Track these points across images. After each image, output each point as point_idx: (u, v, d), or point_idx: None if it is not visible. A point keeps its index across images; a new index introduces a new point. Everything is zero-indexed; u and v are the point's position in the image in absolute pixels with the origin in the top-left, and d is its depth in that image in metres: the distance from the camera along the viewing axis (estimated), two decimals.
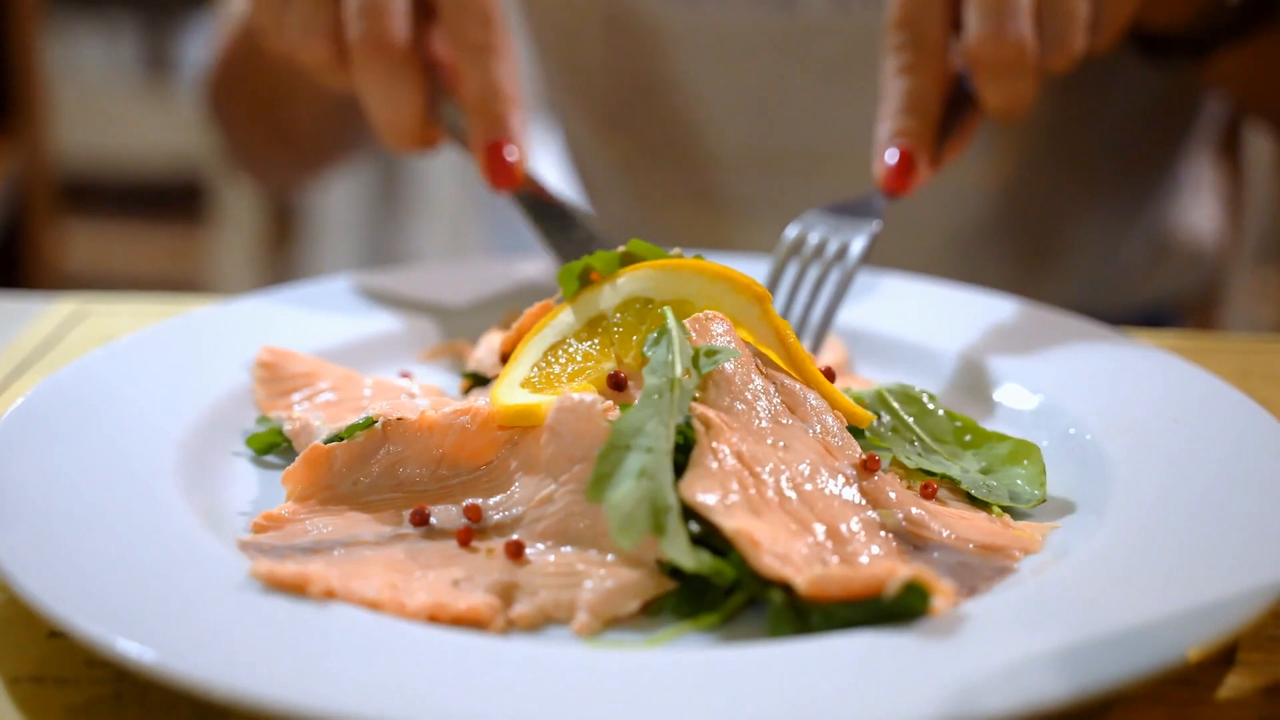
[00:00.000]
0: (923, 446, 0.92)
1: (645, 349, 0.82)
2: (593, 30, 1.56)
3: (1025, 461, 0.91)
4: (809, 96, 1.50)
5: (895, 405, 0.95)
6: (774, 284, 1.08)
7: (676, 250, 0.93)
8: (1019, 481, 0.90)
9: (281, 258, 3.74)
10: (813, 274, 1.07)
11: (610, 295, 0.89)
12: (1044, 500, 0.88)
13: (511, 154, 1.10)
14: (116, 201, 3.93)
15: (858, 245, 1.06)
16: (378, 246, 3.60)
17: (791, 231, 1.09)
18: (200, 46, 3.92)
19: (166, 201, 3.90)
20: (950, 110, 1.11)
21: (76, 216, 3.58)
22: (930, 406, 0.95)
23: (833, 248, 1.07)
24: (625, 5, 1.51)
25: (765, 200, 1.54)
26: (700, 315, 0.85)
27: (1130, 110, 1.55)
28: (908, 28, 1.09)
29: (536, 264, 1.21)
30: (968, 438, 0.94)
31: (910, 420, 0.94)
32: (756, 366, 0.84)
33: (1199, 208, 1.67)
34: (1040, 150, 1.52)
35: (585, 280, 0.92)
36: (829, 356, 1.06)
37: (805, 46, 1.48)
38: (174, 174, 3.75)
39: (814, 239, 1.08)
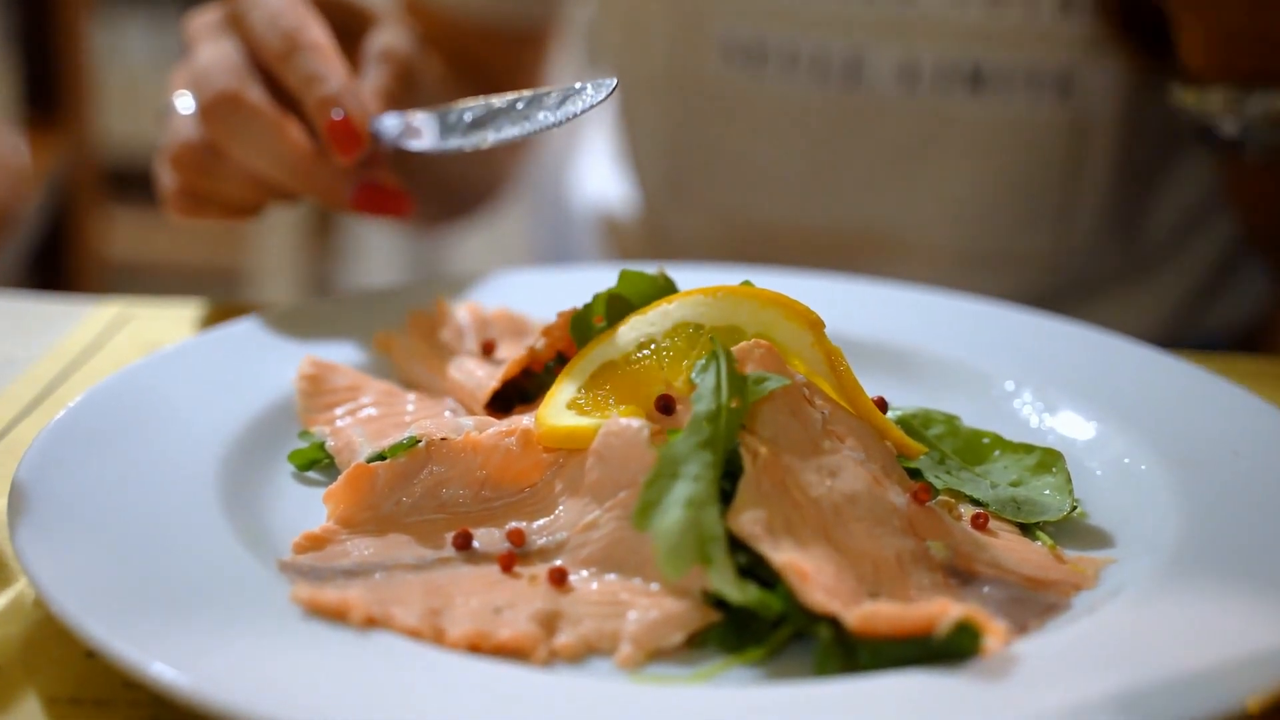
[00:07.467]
0: (951, 465, 0.91)
1: (693, 376, 0.81)
2: (650, 90, 1.51)
3: (1054, 469, 0.90)
4: (869, 178, 1.45)
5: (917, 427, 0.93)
6: None
7: (660, 269, 0.92)
8: (1046, 492, 0.88)
9: (322, 248, 3.74)
10: None
11: (660, 320, 0.88)
12: (1075, 507, 0.87)
13: (338, 114, 1.09)
14: (158, 190, 3.94)
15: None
16: (418, 240, 3.60)
17: None
18: None
19: None
20: None
21: (118, 204, 3.58)
22: (955, 425, 0.94)
23: None
24: (687, 68, 1.47)
25: None
26: (747, 344, 0.83)
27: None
28: None
29: (589, 274, 1.19)
30: (996, 452, 0.92)
31: (936, 439, 0.92)
32: (805, 396, 0.83)
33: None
34: (1101, 226, 1.47)
35: (588, 329, 0.92)
36: None
37: (870, 126, 1.42)
38: None
39: None
